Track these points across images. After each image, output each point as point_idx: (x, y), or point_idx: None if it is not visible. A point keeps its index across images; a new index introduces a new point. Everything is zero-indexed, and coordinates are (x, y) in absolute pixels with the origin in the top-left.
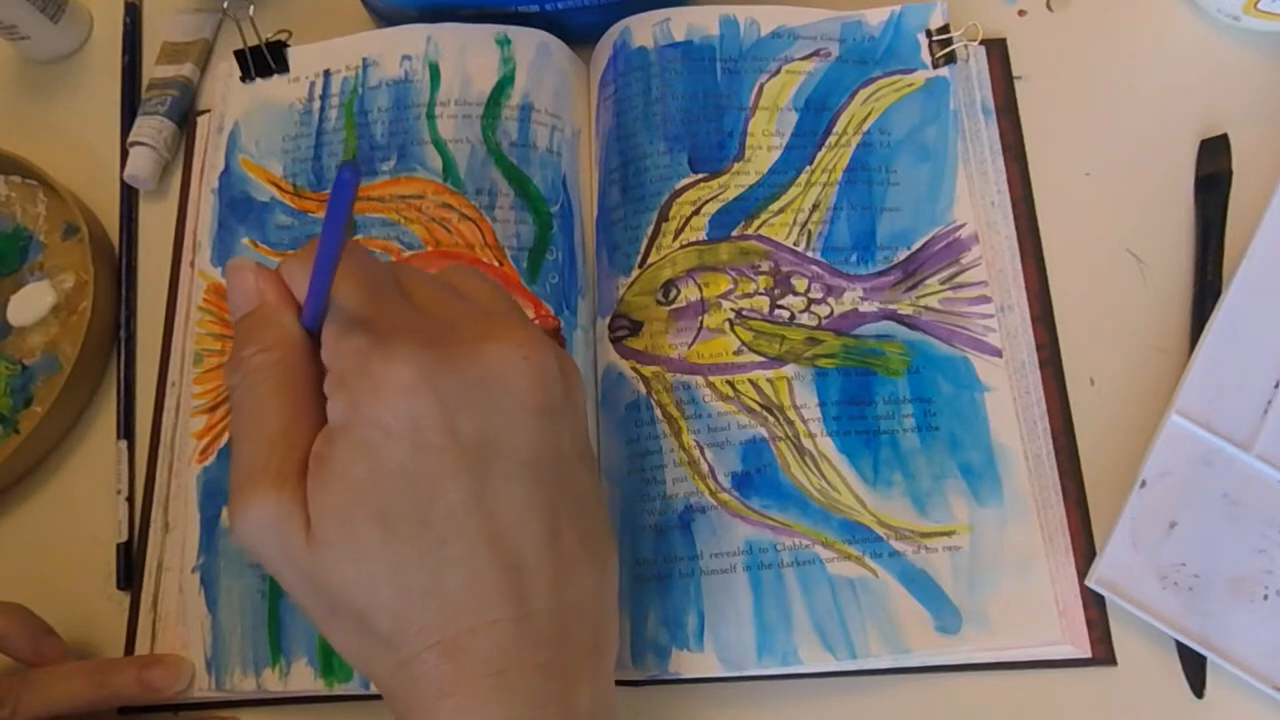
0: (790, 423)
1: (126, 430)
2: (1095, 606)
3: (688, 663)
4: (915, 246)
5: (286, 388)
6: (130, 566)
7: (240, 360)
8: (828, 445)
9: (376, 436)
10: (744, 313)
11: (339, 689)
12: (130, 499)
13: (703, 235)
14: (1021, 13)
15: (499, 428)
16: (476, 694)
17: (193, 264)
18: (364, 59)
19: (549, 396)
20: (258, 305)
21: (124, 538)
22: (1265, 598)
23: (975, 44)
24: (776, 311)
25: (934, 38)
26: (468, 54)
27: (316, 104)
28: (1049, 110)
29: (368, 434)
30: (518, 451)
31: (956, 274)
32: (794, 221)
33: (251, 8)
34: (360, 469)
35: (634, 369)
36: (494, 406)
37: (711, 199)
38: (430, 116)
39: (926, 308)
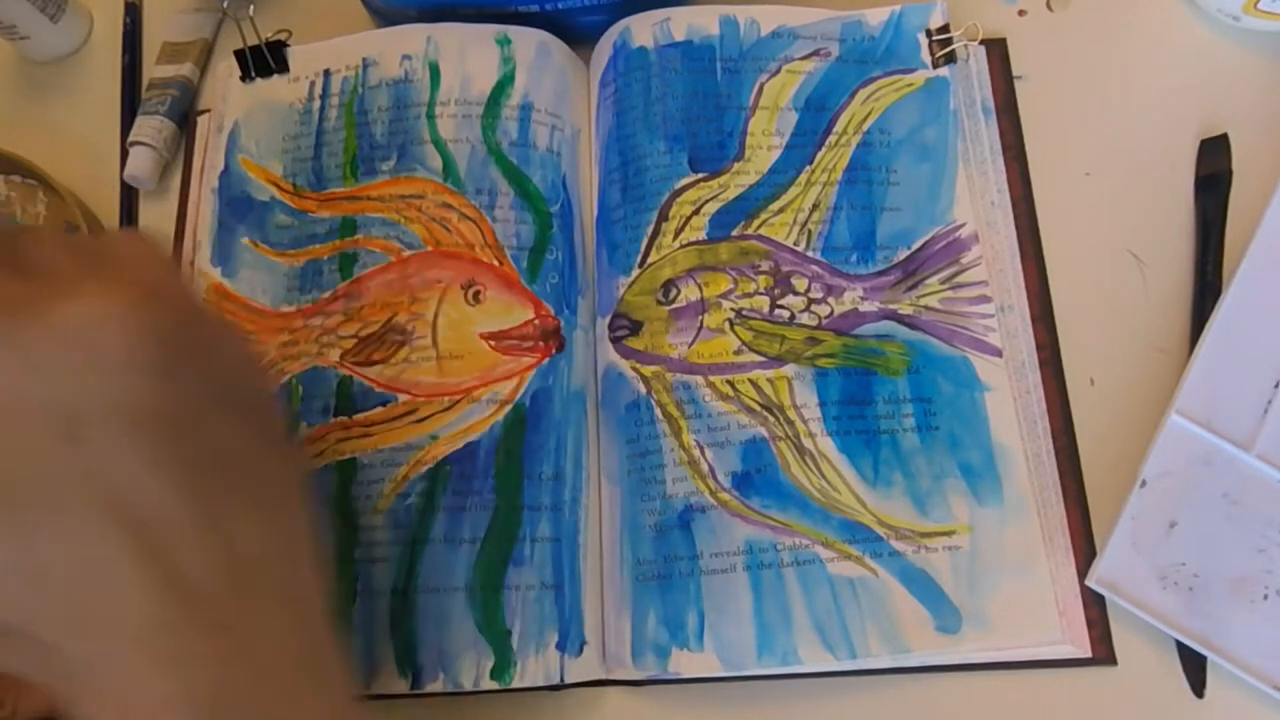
0: (790, 422)
1: None
2: (1095, 606)
3: (688, 663)
4: (915, 246)
5: None
6: None
7: None
8: (828, 445)
9: None
10: (744, 312)
11: None
12: None
13: (703, 235)
14: (1021, 13)
15: (93, 390)
16: (139, 669)
17: (193, 264)
18: (364, 59)
19: (157, 354)
20: None
21: None
22: (1265, 598)
23: (975, 44)
24: (776, 311)
25: (934, 37)
26: (468, 54)
27: (316, 104)
28: (1049, 110)
29: None
30: (126, 408)
31: (956, 274)
32: (794, 221)
33: (251, 8)
34: None
35: (634, 369)
36: (81, 368)
37: (711, 199)
38: (430, 116)
39: (926, 307)
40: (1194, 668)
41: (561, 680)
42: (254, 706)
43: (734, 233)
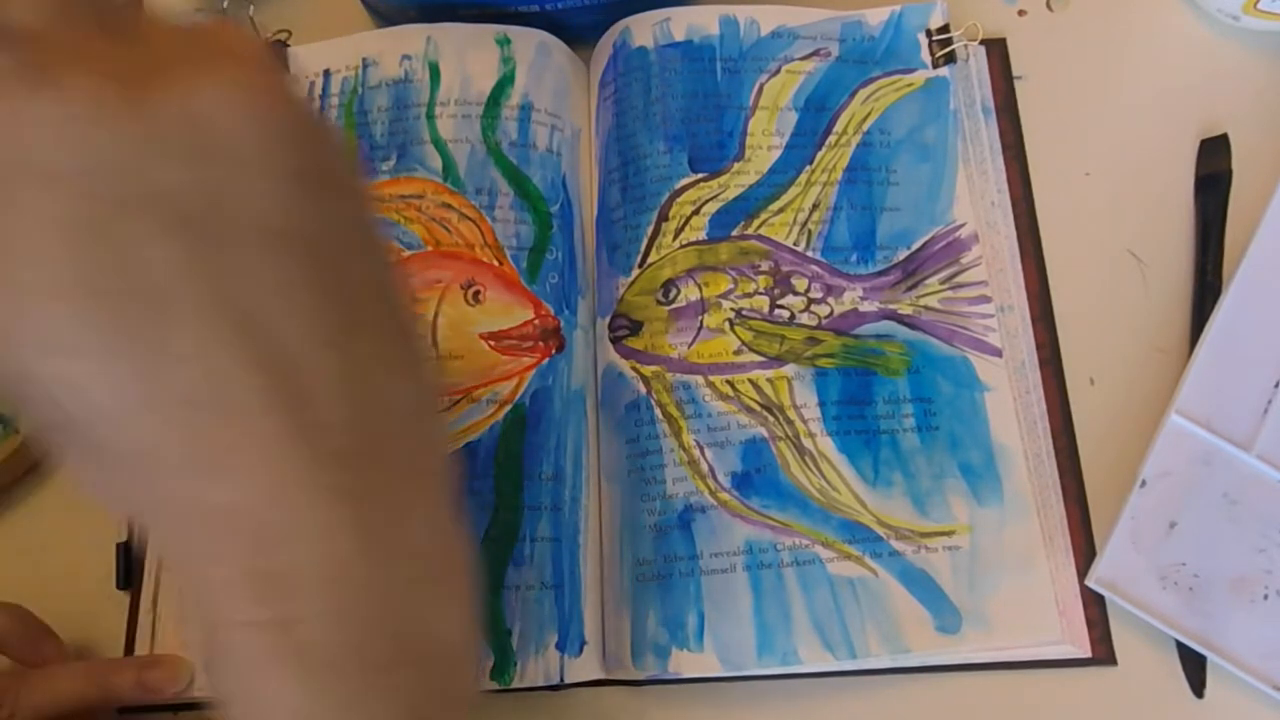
0: (790, 422)
1: None
2: (1095, 606)
3: (688, 663)
4: (915, 246)
5: None
6: (130, 566)
7: None
8: (828, 445)
9: (23, 180)
10: (744, 312)
11: None
12: None
13: (703, 235)
14: (1021, 13)
15: (226, 187)
16: (263, 526)
17: None
18: (364, 59)
19: (303, 159)
20: None
21: (124, 537)
22: (1265, 598)
23: (975, 44)
24: (776, 311)
25: (934, 37)
26: (468, 54)
27: (316, 104)
28: (1049, 110)
29: (19, 182)
30: (262, 219)
31: (956, 274)
32: (794, 221)
33: (251, 8)
34: (19, 228)
35: (634, 369)
36: (213, 159)
37: (711, 199)
38: (430, 116)
39: (926, 307)
40: (1194, 668)
41: (561, 680)
42: (379, 595)
43: (734, 233)
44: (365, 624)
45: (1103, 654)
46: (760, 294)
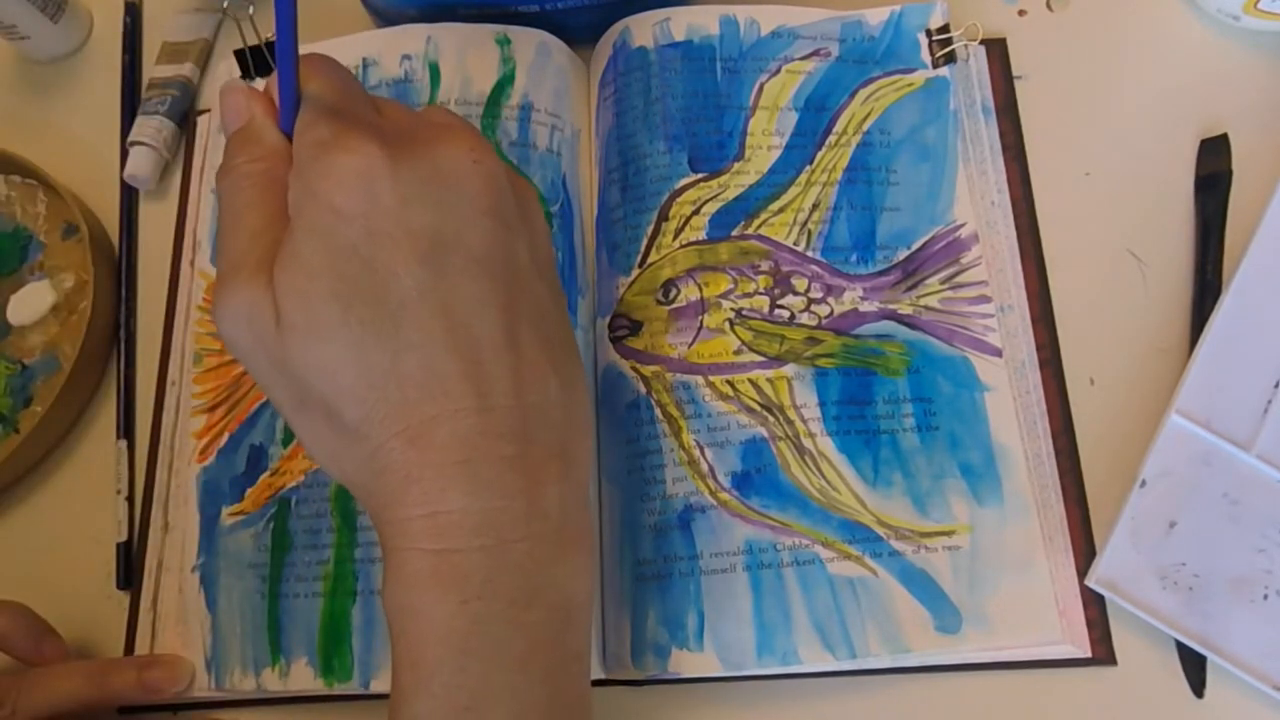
0: (790, 422)
1: (126, 430)
2: (1095, 606)
3: (688, 663)
4: (915, 246)
5: (270, 191)
6: (130, 566)
7: (231, 168)
8: (828, 445)
9: (329, 219)
10: (744, 312)
11: (338, 689)
12: (130, 499)
13: (703, 235)
14: (1021, 13)
15: (451, 223)
16: (443, 480)
17: (193, 264)
18: (364, 59)
19: (499, 202)
20: (247, 121)
21: (124, 537)
22: (1265, 598)
23: (975, 44)
24: (776, 311)
25: (934, 37)
26: (468, 54)
27: None
28: (1049, 110)
29: (320, 217)
30: (471, 249)
31: (956, 274)
32: (794, 221)
33: (251, 8)
34: (314, 249)
35: (634, 369)
36: (446, 203)
37: (711, 199)
38: None
39: (926, 307)
40: (1194, 668)
41: None
42: (518, 544)
43: (734, 233)
44: (505, 563)
45: (1103, 654)
46: (760, 294)
